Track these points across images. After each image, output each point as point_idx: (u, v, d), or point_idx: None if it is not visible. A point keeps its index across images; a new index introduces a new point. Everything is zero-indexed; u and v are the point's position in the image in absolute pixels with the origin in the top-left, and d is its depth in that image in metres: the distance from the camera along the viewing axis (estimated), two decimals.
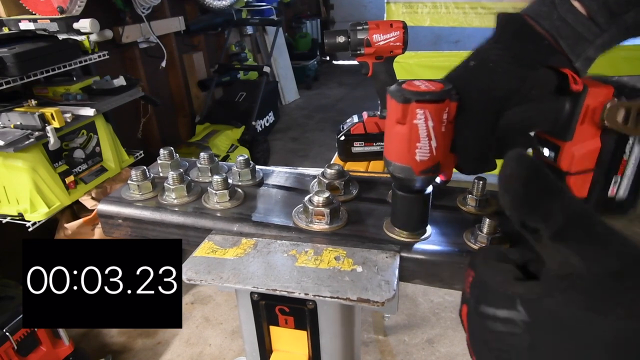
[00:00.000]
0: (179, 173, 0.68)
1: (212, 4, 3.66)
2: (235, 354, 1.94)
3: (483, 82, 0.45)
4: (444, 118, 0.44)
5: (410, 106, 0.43)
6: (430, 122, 0.43)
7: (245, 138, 3.39)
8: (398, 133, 0.45)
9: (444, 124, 0.44)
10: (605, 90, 0.47)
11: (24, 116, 1.60)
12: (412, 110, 0.43)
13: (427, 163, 0.45)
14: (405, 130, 0.44)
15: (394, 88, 0.45)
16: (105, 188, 1.94)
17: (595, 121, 0.47)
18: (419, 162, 0.45)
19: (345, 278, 0.51)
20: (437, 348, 1.93)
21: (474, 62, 0.47)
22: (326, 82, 6.15)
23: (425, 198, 0.52)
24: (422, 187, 0.50)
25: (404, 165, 0.46)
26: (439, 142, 0.44)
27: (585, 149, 0.49)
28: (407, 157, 0.45)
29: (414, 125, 0.44)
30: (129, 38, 2.72)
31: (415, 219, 0.55)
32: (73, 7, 1.72)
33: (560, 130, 0.49)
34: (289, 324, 0.59)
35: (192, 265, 0.55)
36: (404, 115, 0.44)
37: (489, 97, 0.45)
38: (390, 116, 0.45)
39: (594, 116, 0.47)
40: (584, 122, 0.48)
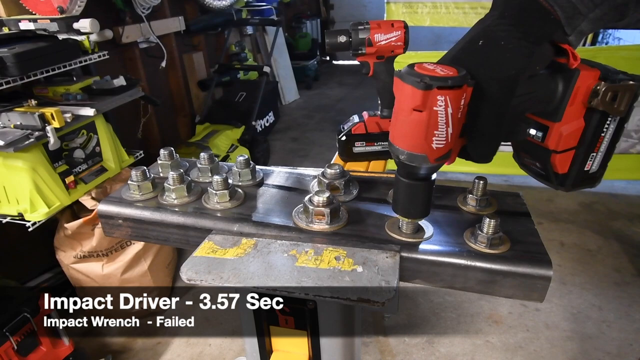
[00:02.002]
0: (179, 173, 0.68)
1: (212, 4, 3.66)
2: (235, 354, 1.94)
3: (496, 62, 0.45)
4: (461, 104, 0.43)
5: (431, 93, 0.41)
6: (449, 108, 0.42)
7: (245, 138, 3.39)
8: (414, 120, 0.43)
9: (460, 109, 0.43)
10: (594, 73, 0.48)
11: (24, 116, 1.60)
12: (434, 97, 0.41)
13: (442, 150, 0.44)
14: (424, 118, 0.42)
15: (407, 72, 0.43)
16: (105, 188, 1.94)
17: (583, 102, 0.49)
18: (435, 150, 0.44)
19: (345, 278, 0.51)
20: (437, 348, 1.93)
21: (483, 40, 0.46)
22: (326, 82, 6.15)
23: (432, 184, 0.52)
24: (431, 174, 0.50)
25: (419, 154, 0.44)
26: (454, 128, 0.43)
27: (571, 129, 0.51)
28: (424, 145, 0.44)
29: (434, 112, 0.42)
30: (129, 38, 2.72)
31: (421, 206, 0.54)
32: (73, 7, 1.72)
33: (551, 111, 0.50)
34: (289, 324, 0.59)
35: (192, 265, 0.55)
36: (424, 102, 0.42)
37: (504, 77, 0.44)
38: (405, 103, 0.43)
39: (583, 98, 0.49)
40: (573, 104, 0.49)
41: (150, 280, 2.02)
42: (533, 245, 0.56)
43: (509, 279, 0.53)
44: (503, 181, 3.02)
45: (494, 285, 0.54)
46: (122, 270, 1.94)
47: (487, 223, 0.54)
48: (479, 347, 1.91)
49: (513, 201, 0.66)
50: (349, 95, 5.58)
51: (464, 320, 2.07)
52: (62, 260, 1.94)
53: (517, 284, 0.53)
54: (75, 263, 1.93)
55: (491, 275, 0.53)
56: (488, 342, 1.93)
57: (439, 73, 0.42)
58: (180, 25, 3.27)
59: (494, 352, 1.88)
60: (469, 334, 1.98)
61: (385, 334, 2.02)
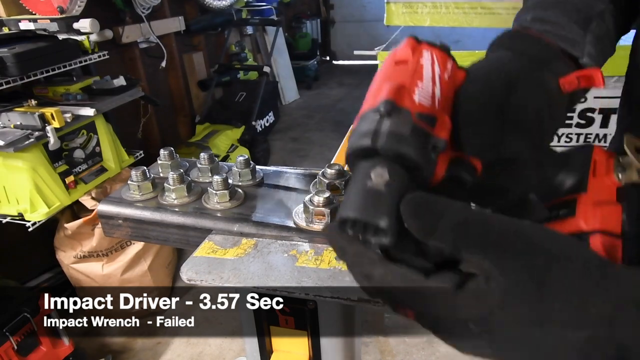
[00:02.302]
0: (179, 173, 0.68)
1: (212, 4, 3.66)
2: (235, 354, 1.94)
3: (492, 61, 0.43)
4: (448, 68, 0.38)
5: (420, 46, 0.38)
6: (436, 66, 0.38)
7: (245, 138, 3.39)
8: (397, 70, 0.38)
9: (447, 73, 0.38)
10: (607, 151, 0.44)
11: (24, 116, 1.60)
12: (420, 51, 0.38)
13: (426, 108, 0.36)
14: (409, 67, 0.37)
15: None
16: (105, 188, 1.94)
17: (608, 175, 0.43)
18: (417, 104, 0.36)
19: (345, 278, 0.51)
20: (437, 348, 1.93)
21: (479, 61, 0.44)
22: (326, 82, 6.15)
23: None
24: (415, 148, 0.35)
25: (398, 106, 0.35)
26: (442, 92, 0.37)
27: (604, 206, 0.42)
28: (404, 95, 0.36)
29: (419, 65, 0.37)
30: (129, 38, 2.72)
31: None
32: (73, 7, 1.72)
33: (573, 185, 0.44)
34: (289, 324, 0.59)
35: (192, 265, 0.55)
36: (411, 53, 0.38)
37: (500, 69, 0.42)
38: (388, 62, 0.39)
39: (605, 170, 0.43)
40: (596, 175, 0.43)
41: (150, 280, 2.02)
42: None
43: None
44: None
45: None
46: (122, 270, 1.94)
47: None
48: None
49: None
50: (349, 95, 5.58)
51: None
52: (62, 260, 1.94)
53: None
54: (75, 263, 1.93)
55: None
56: None
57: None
58: (180, 25, 3.27)
59: None
60: None
61: (385, 334, 2.02)
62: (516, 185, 0.42)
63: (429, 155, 0.34)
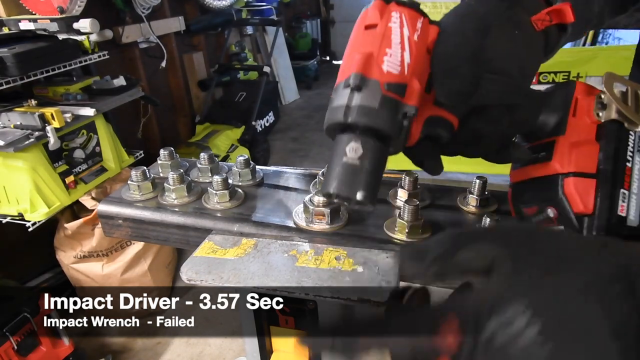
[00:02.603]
0: (179, 173, 0.68)
1: (212, 4, 3.66)
2: (235, 354, 1.94)
3: (462, 8, 0.43)
4: (417, 27, 0.37)
5: (387, 7, 0.37)
6: (405, 28, 0.36)
7: (245, 138, 3.39)
8: (366, 37, 0.37)
9: (417, 32, 0.37)
10: (590, 85, 0.45)
11: (24, 116, 1.60)
12: (389, 12, 0.37)
13: (394, 77, 0.35)
14: (377, 32, 0.36)
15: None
16: (105, 188, 1.94)
17: (588, 115, 0.43)
18: (386, 74, 0.35)
19: (345, 278, 0.51)
20: None
21: (449, 11, 0.44)
22: (326, 82, 6.14)
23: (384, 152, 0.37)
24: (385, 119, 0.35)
25: (367, 78, 0.35)
26: (412, 56, 0.36)
27: (583, 146, 0.43)
28: (373, 66, 0.35)
29: (388, 28, 0.36)
30: (129, 38, 2.72)
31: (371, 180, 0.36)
32: (73, 7, 1.72)
33: (552, 128, 0.45)
34: (289, 324, 0.59)
35: (192, 265, 0.55)
36: (379, 16, 0.37)
37: (471, 15, 0.41)
38: (358, 26, 0.38)
39: (586, 109, 0.44)
40: (576, 114, 0.44)
41: (150, 280, 2.02)
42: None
43: None
44: (503, 181, 3.02)
45: None
46: (122, 270, 1.94)
47: (488, 223, 0.54)
48: None
49: None
50: None
51: None
52: (62, 260, 1.94)
53: None
54: (75, 263, 1.93)
55: None
56: None
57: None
58: (180, 25, 3.27)
59: None
60: None
61: None
62: (492, 131, 0.42)
63: (400, 124, 0.35)
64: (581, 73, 2.27)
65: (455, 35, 0.39)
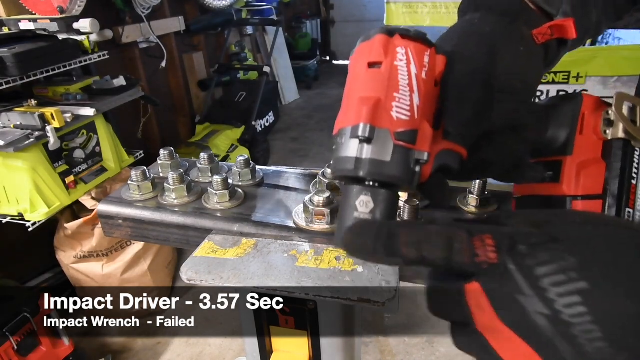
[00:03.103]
0: (179, 173, 0.68)
1: (212, 4, 3.66)
2: (235, 354, 1.94)
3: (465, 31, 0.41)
4: (425, 62, 0.34)
5: (393, 41, 0.34)
6: (412, 66, 0.34)
7: (245, 138, 3.39)
8: (371, 77, 0.34)
9: (425, 69, 0.34)
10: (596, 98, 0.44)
11: (24, 116, 1.60)
12: (393, 48, 0.34)
13: (405, 123, 0.33)
14: (383, 73, 0.34)
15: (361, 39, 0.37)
16: (105, 188, 1.94)
17: (595, 131, 0.43)
18: (396, 121, 0.33)
19: (345, 278, 0.51)
20: (437, 348, 1.93)
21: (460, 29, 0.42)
22: (326, 82, 6.15)
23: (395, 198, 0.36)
24: (397, 171, 0.34)
25: (376, 128, 0.33)
26: (421, 97, 0.34)
27: (590, 166, 0.43)
28: (382, 114, 0.33)
29: (394, 67, 0.34)
30: (129, 38, 2.72)
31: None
32: (73, 7, 1.72)
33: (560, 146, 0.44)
34: (289, 324, 0.59)
35: (192, 265, 0.55)
36: (384, 52, 0.34)
37: (477, 35, 0.40)
38: (360, 63, 0.35)
39: (593, 125, 0.43)
40: (583, 131, 0.43)
41: (150, 280, 2.02)
42: None
43: None
44: None
45: None
46: (122, 270, 1.94)
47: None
48: None
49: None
50: None
51: None
52: (62, 260, 1.94)
53: None
54: (75, 263, 1.93)
55: None
56: None
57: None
58: (180, 25, 3.28)
59: None
60: None
61: (385, 334, 2.02)
62: (502, 158, 0.41)
63: (412, 171, 0.34)
64: (581, 73, 2.27)
65: (465, 63, 0.37)
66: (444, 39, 0.41)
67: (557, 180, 0.44)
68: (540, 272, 0.24)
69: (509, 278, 0.25)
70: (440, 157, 0.37)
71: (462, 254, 0.26)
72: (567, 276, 0.23)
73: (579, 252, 0.24)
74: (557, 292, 0.23)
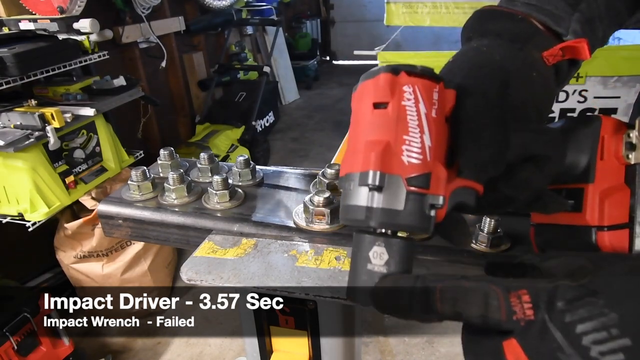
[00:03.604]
0: (179, 173, 0.68)
1: (212, 4, 3.66)
2: (235, 354, 1.94)
3: (480, 63, 0.37)
4: (434, 99, 0.32)
5: (399, 80, 0.31)
6: (421, 105, 0.31)
7: (245, 138, 3.39)
8: (377, 119, 0.32)
9: (435, 107, 0.32)
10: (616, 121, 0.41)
11: (24, 116, 1.60)
12: (400, 87, 0.31)
13: (417, 168, 0.31)
14: (390, 114, 0.31)
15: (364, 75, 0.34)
16: (105, 188, 1.94)
17: (617, 156, 0.40)
18: (407, 166, 0.31)
19: (345, 278, 0.51)
20: (437, 348, 1.93)
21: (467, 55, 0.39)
22: (326, 82, 6.14)
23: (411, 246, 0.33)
24: (412, 220, 0.31)
25: (387, 175, 0.31)
26: (432, 136, 0.31)
27: (614, 193, 0.41)
28: (392, 159, 0.31)
29: (402, 107, 0.31)
30: (129, 38, 2.72)
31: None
32: (73, 7, 1.72)
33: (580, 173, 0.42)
34: (289, 324, 0.59)
35: (192, 265, 0.55)
36: (389, 92, 0.32)
37: (488, 66, 0.37)
38: (366, 103, 0.33)
39: (614, 150, 0.41)
40: (603, 157, 0.41)
41: (150, 280, 2.02)
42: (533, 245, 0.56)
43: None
44: None
45: None
46: (122, 270, 1.94)
47: (488, 223, 0.54)
48: None
49: None
50: (349, 95, 5.53)
51: None
52: (62, 260, 1.94)
53: None
54: (75, 263, 1.93)
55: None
56: None
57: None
58: (180, 25, 3.27)
59: None
60: None
61: (385, 334, 2.02)
62: (523, 191, 0.38)
63: (428, 217, 0.32)
64: (581, 73, 2.27)
65: (477, 97, 0.34)
66: (451, 69, 0.39)
67: (579, 210, 0.42)
68: (580, 329, 0.23)
69: (548, 336, 0.24)
70: (455, 196, 0.34)
71: (498, 311, 0.25)
72: (608, 333, 0.22)
73: (620, 307, 0.23)
74: (599, 350, 0.22)
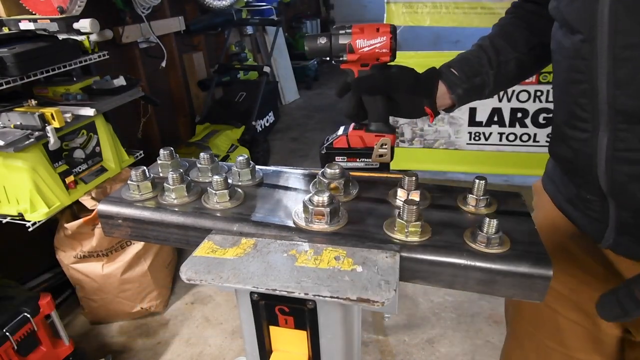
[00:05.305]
0: (179, 173, 0.68)
1: (212, 4, 3.66)
2: (235, 354, 1.94)
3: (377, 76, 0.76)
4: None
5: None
6: None
7: (245, 138, 3.39)
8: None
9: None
10: None
11: (24, 116, 1.60)
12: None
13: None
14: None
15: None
16: (105, 188, 1.94)
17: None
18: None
19: (345, 278, 0.51)
20: (437, 348, 1.93)
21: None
22: (326, 82, 6.15)
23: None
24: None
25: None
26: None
27: None
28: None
29: None
30: (129, 38, 2.72)
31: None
32: (73, 7, 1.72)
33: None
34: (288, 324, 0.59)
35: (192, 265, 0.55)
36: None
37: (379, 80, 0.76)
38: None
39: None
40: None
41: (150, 280, 2.02)
42: (533, 245, 0.56)
43: (509, 278, 0.53)
44: (503, 181, 3.02)
45: (494, 285, 0.54)
46: (122, 270, 1.94)
47: (487, 223, 0.54)
48: (479, 347, 1.91)
49: (513, 201, 0.66)
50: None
51: (464, 320, 2.06)
52: (62, 260, 1.94)
53: (518, 283, 0.53)
54: (75, 263, 1.93)
55: (491, 275, 0.53)
56: (488, 342, 1.93)
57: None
58: (180, 25, 3.28)
59: (494, 352, 1.88)
60: (469, 334, 1.98)
61: (385, 334, 2.02)
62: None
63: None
64: None
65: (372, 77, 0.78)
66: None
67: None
68: None
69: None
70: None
71: None
72: None
73: None
74: None
